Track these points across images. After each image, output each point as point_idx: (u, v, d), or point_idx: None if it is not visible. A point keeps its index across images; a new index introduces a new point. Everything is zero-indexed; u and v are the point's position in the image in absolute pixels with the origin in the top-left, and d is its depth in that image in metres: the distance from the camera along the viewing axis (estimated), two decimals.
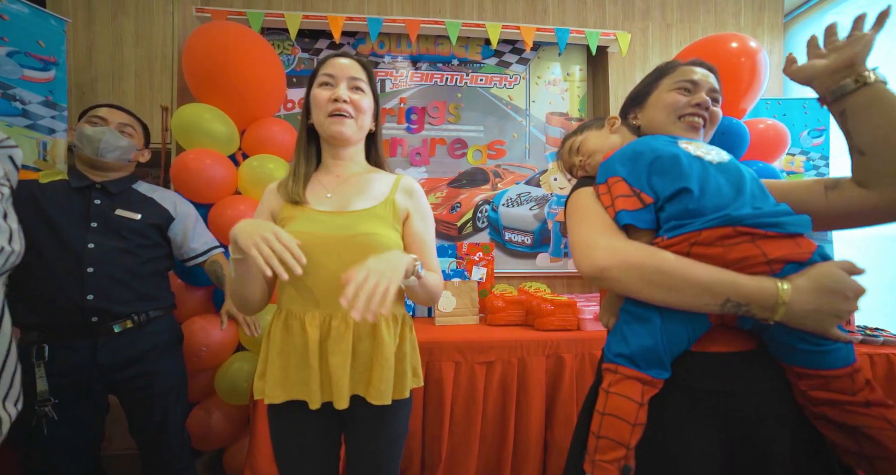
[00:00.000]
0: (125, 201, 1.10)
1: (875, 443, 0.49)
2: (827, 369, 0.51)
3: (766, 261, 0.50)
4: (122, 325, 1.04)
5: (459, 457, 1.42)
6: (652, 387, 0.54)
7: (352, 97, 0.76)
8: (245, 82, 1.56)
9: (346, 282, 0.57)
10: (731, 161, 0.61)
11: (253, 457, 1.33)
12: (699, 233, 0.53)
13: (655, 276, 0.52)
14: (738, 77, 1.45)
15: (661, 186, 0.57)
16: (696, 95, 0.65)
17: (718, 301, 0.49)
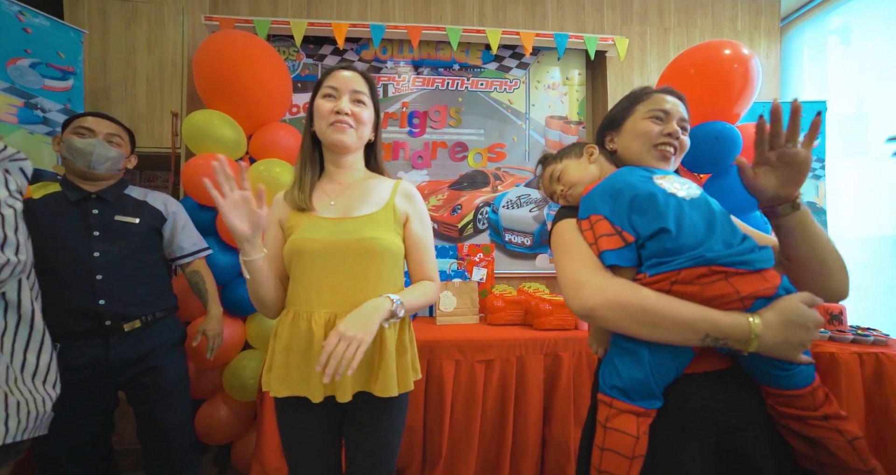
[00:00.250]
0: (122, 207, 1.15)
1: (829, 453, 0.55)
2: (792, 389, 0.56)
3: (739, 298, 0.55)
4: (131, 326, 1.10)
5: (459, 452, 1.46)
6: (647, 417, 0.57)
7: (353, 109, 0.80)
8: (252, 89, 1.61)
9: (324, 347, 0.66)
10: (701, 196, 0.65)
11: (261, 451, 1.37)
12: (678, 272, 0.57)
13: (641, 315, 0.55)
14: (731, 83, 1.49)
15: (641, 225, 0.61)
16: (668, 125, 0.69)
17: (699, 337, 0.54)
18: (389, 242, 0.79)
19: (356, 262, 0.77)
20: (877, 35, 1.97)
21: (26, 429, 0.59)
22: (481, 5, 2.13)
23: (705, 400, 0.59)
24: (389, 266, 0.80)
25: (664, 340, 0.56)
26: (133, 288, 1.11)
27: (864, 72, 2.02)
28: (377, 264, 0.78)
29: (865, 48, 2.02)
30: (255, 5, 2.00)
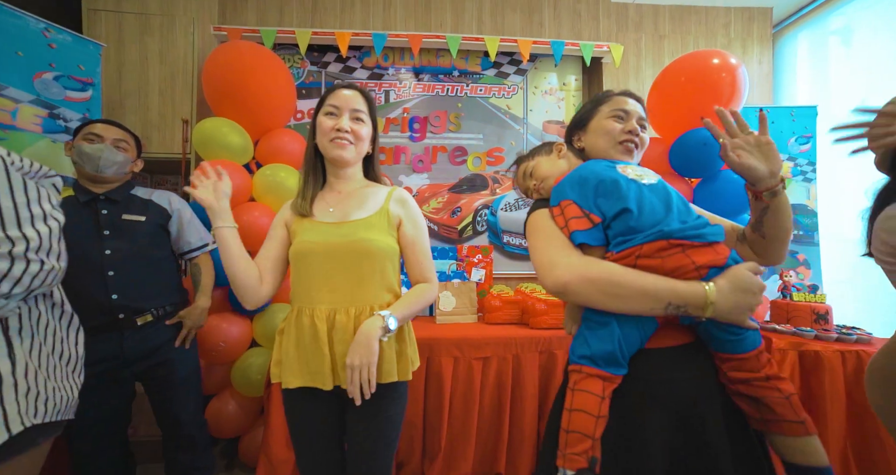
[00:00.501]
0: (128, 207, 1.21)
1: (770, 409, 0.61)
2: (741, 353, 0.62)
3: (695, 268, 0.61)
4: (144, 319, 1.17)
5: (458, 446, 1.52)
6: (611, 382, 0.63)
7: (352, 127, 0.86)
8: (258, 97, 1.68)
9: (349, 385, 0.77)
10: (659, 181, 0.71)
11: (268, 443, 1.44)
12: (641, 247, 0.63)
13: (610, 288, 0.61)
14: (719, 90, 1.54)
15: (606, 207, 0.66)
16: (629, 123, 0.75)
17: (662, 305, 0.59)
18: (383, 243, 0.86)
19: (352, 262, 0.83)
20: (869, 39, 2.02)
21: (59, 412, 0.66)
22: (480, 14, 2.20)
23: (669, 372, 0.65)
24: (383, 265, 0.86)
25: (631, 311, 0.61)
26: (143, 282, 1.17)
27: (856, 76, 2.07)
28: (372, 263, 0.85)
29: (857, 53, 2.07)
30: (262, 15, 2.07)
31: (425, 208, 2.21)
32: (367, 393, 0.77)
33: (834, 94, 2.16)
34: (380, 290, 0.86)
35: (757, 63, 2.34)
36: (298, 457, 0.91)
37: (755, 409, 0.63)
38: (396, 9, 2.15)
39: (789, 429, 0.60)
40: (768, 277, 2.07)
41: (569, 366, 0.69)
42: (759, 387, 0.62)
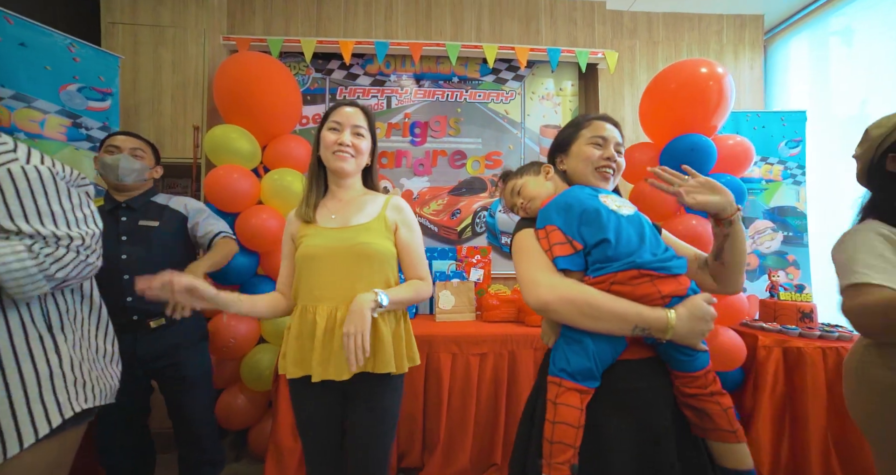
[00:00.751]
0: (145, 213, 1.29)
1: (710, 419, 0.69)
2: (692, 372, 0.70)
3: (660, 297, 0.68)
4: (157, 322, 1.24)
5: (456, 438, 1.59)
6: (587, 395, 0.70)
7: (353, 141, 0.94)
8: (266, 105, 1.76)
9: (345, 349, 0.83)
10: (635, 213, 0.78)
11: (276, 434, 1.52)
12: (615, 274, 0.69)
13: (587, 309, 0.67)
14: (707, 98, 1.60)
15: (588, 235, 0.72)
16: (606, 150, 0.80)
17: (630, 327, 0.67)
18: (380, 246, 0.93)
19: (352, 263, 0.91)
20: (858, 45, 2.08)
21: (105, 397, 0.74)
22: (479, 22, 2.27)
23: (633, 381, 0.72)
24: (380, 266, 0.93)
25: (603, 330, 0.68)
26: None
27: (844, 80, 2.13)
28: (369, 265, 0.92)
29: (846, 58, 2.13)
30: (269, 25, 2.15)
31: (426, 210, 2.29)
32: (361, 359, 0.82)
33: (823, 99, 2.22)
34: (377, 287, 0.92)
35: (749, 68, 2.40)
36: (304, 445, 0.98)
37: (698, 419, 0.71)
38: (398, 18, 2.22)
39: (724, 436, 0.68)
40: (759, 277, 2.13)
41: (548, 376, 0.74)
42: (704, 400, 0.69)
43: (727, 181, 1.61)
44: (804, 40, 2.33)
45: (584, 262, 0.73)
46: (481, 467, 1.62)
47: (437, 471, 1.59)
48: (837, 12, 2.16)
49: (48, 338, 0.68)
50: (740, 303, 1.72)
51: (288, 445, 1.53)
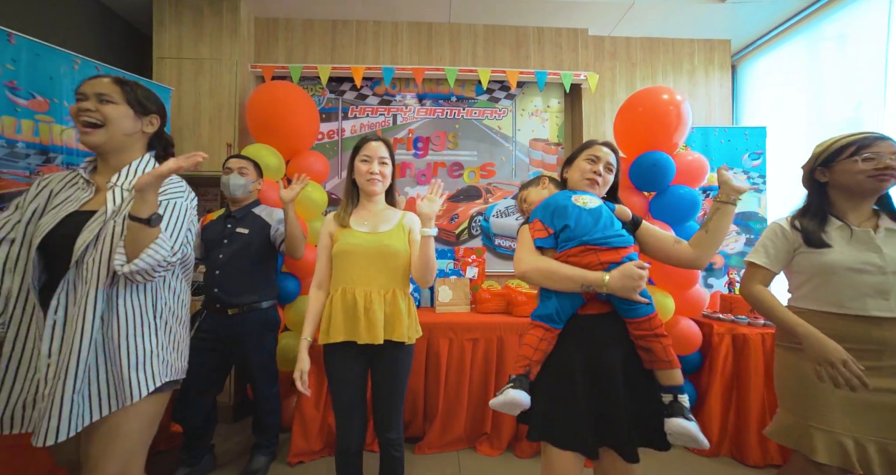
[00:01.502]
0: (243, 222, 1.60)
1: (654, 354, 0.94)
2: (637, 318, 0.95)
3: (599, 263, 0.95)
4: (233, 311, 1.54)
5: (452, 410, 1.87)
6: (549, 332, 0.97)
7: (380, 169, 1.23)
8: (289, 126, 2.06)
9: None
10: (598, 206, 1.03)
11: (301, 406, 1.80)
12: (570, 250, 0.97)
13: (548, 274, 0.95)
14: (668, 121, 1.87)
15: (556, 223, 1.01)
16: (596, 166, 1.07)
17: (577, 286, 0.94)
18: (399, 248, 1.21)
19: (379, 259, 1.19)
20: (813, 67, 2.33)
21: (178, 373, 0.98)
22: (474, 48, 2.55)
23: (592, 329, 0.98)
24: (397, 261, 1.22)
25: (562, 288, 0.96)
26: (236, 282, 1.54)
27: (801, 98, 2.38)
28: (393, 260, 1.21)
29: (803, 78, 2.38)
30: (290, 54, 2.45)
31: None
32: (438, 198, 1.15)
33: (782, 115, 2.47)
34: (397, 278, 1.21)
35: (718, 87, 2.66)
36: (335, 400, 1.26)
37: (647, 355, 0.95)
38: (403, 46, 2.51)
39: (663, 365, 0.93)
40: (723, 275, 2.39)
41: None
42: (650, 340, 0.94)
43: (685, 192, 1.88)
44: (767, 61, 2.59)
45: (554, 242, 1.01)
46: (474, 436, 1.90)
47: (436, 440, 1.87)
48: (797, 36, 2.41)
49: (153, 325, 0.94)
50: (700, 298, 1.98)
51: (311, 415, 1.81)
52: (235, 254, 1.55)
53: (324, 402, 1.83)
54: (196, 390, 1.53)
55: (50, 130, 1.47)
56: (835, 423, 1.01)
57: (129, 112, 0.94)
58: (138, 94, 0.96)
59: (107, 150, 0.94)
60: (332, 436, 1.82)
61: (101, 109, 0.90)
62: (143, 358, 0.90)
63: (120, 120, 0.92)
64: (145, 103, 0.97)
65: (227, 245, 1.55)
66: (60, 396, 0.79)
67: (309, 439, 1.79)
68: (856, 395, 0.99)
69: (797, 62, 2.42)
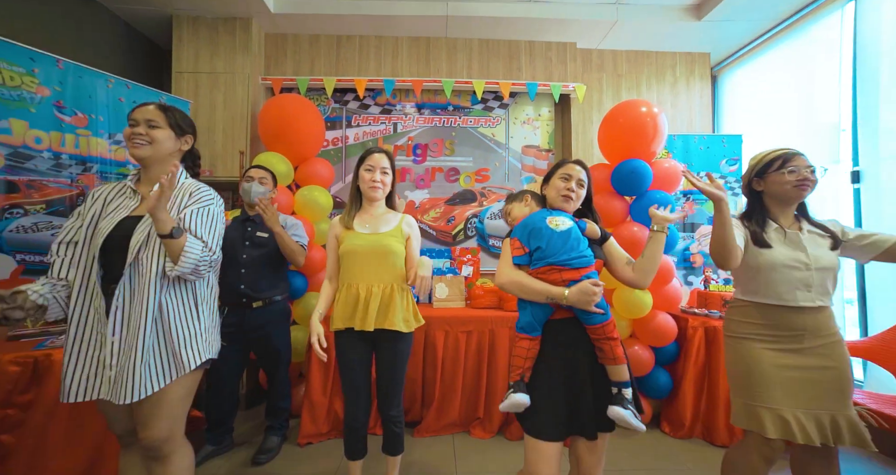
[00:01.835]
0: (261, 226, 1.78)
1: (604, 352, 1.10)
2: (593, 325, 1.11)
3: (561, 280, 1.11)
4: (257, 304, 1.72)
5: (447, 396, 2.04)
6: (533, 341, 1.13)
7: (382, 178, 1.39)
8: (297, 136, 2.23)
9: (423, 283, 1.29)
10: (568, 228, 1.17)
11: (309, 392, 1.97)
12: (540, 268, 1.14)
13: (521, 287, 1.11)
14: (645, 131, 2.03)
15: (531, 243, 1.16)
16: (569, 183, 1.21)
17: (543, 298, 1.10)
18: (397, 248, 1.38)
19: (380, 258, 1.36)
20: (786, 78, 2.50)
21: (213, 353, 1.16)
22: (469, 61, 2.72)
23: (563, 332, 1.14)
24: (394, 260, 1.38)
25: (532, 299, 1.12)
26: (259, 279, 1.73)
27: (775, 108, 2.55)
28: (390, 259, 1.37)
29: (777, 89, 2.54)
30: (297, 67, 2.62)
31: (426, 217, 2.74)
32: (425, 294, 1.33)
33: (758, 123, 2.64)
34: (394, 274, 1.38)
35: (699, 97, 2.83)
36: (343, 381, 1.43)
37: (600, 353, 1.12)
38: (402, 59, 2.68)
39: (610, 362, 1.09)
40: (699, 276, 2.55)
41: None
42: (602, 342, 1.10)
43: (661, 197, 2.04)
44: (744, 72, 2.76)
45: (529, 259, 1.17)
46: (468, 420, 2.07)
47: (433, 424, 2.04)
48: (771, 49, 2.58)
49: (195, 311, 1.11)
50: (676, 294, 2.15)
51: (319, 401, 1.98)
52: (258, 255, 1.74)
53: (330, 389, 2.00)
54: (226, 379, 1.72)
55: (88, 143, 1.65)
56: (777, 401, 1.16)
57: (171, 134, 1.12)
58: (177, 118, 1.14)
59: (150, 163, 1.12)
60: (338, 420, 1.99)
61: (150, 133, 1.08)
62: (191, 338, 1.07)
63: (164, 141, 1.10)
64: (183, 126, 1.15)
65: (249, 247, 1.73)
66: (132, 367, 0.97)
67: (317, 423, 1.96)
68: (789, 375, 1.16)
69: (771, 74, 2.59)
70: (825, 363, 1.16)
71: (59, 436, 1.31)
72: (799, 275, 1.17)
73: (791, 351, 1.16)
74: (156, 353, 1.02)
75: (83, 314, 1.03)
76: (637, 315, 2.06)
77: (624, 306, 2.06)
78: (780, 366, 1.17)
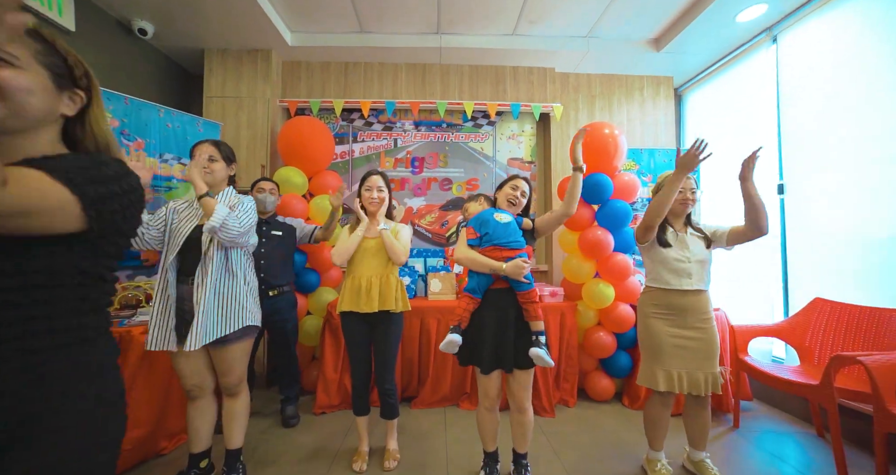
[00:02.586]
0: (273, 226, 2.14)
1: (528, 312, 1.48)
2: (522, 291, 1.49)
3: (501, 257, 1.48)
4: (273, 292, 2.08)
5: (440, 375, 2.40)
6: (473, 300, 1.51)
7: (379, 195, 1.75)
8: (311, 152, 2.60)
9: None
10: (509, 221, 1.56)
11: (323, 370, 2.34)
12: (486, 248, 1.51)
13: (471, 262, 1.50)
14: (608, 149, 2.40)
15: (481, 230, 1.55)
16: (514, 193, 1.60)
17: (488, 270, 1.48)
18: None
19: (378, 255, 1.72)
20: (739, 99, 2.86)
21: (256, 321, 1.55)
22: (460, 85, 3.09)
23: (500, 298, 1.51)
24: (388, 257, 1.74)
25: (480, 270, 1.50)
26: (274, 269, 2.09)
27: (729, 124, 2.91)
28: (385, 255, 1.72)
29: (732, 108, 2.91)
30: (310, 90, 3.00)
31: (422, 221, 3.11)
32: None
33: (716, 137, 3.00)
34: (389, 266, 1.74)
35: (664, 115, 3.19)
36: (350, 356, 1.80)
37: (526, 313, 1.50)
38: (402, 83, 3.05)
39: (534, 318, 1.47)
40: None
41: None
42: (528, 304, 1.48)
43: (621, 205, 2.41)
44: (703, 93, 3.13)
45: (479, 242, 1.55)
46: (457, 395, 2.43)
47: (427, 398, 2.40)
48: (722, 75, 2.95)
49: (242, 287, 1.49)
50: (635, 288, 2.51)
51: (331, 377, 2.34)
52: (274, 250, 2.09)
53: (340, 367, 2.37)
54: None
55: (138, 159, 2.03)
56: (667, 362, 1.56)
57: (225, 165, 1.50)
58: (227, 152, 1.53)
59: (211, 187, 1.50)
60: (346, 393, 2.35)
61: (210, 166, 1.45)
62: (238, 307, 1.48)
63: (220, 171, 1.48)
64: (231, 157, 1.54)
65: (265, 242, 2.08)
66: (197, 323, 1.37)
67: (329, 395, 2.33)
68: (676, 343, 1.56)
69: (724, 95, 2.96)
70: (701, 335, 1.56)
71: (141, 391, 1.72)
72: (683, 266, 1.57)
73: (678, 325, 1.56)
74: (216, 315, 1.42)
75: (161, 288, 1.41)
76: (602, 305, 2.42)
77: (591, 299, 2.43)
78: (671, 336, 1.57)
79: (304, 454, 1.87)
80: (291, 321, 2.20)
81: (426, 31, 2.80)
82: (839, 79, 2.13)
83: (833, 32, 2.17)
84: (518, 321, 1.51)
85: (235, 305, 1.47)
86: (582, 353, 2.51)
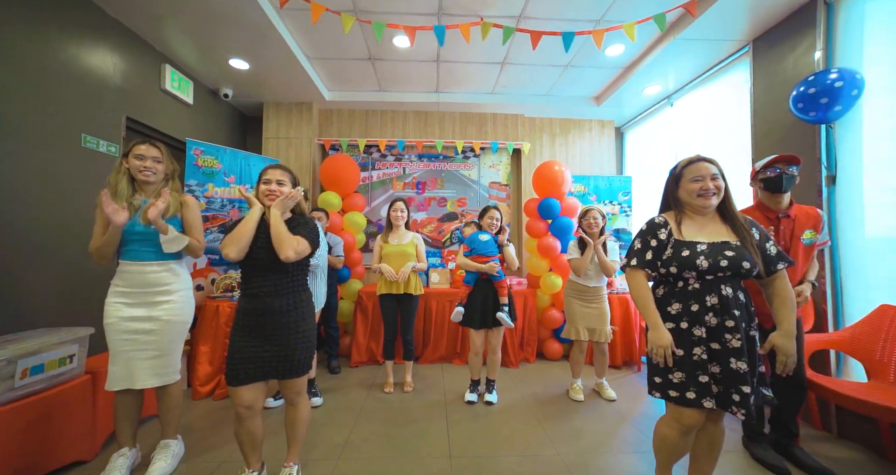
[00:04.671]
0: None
1: (501, 292, 2.47)
2: (496, 280, 2.48)
3: (484, 262, 2.46)
4: None
5: (437, 340, 3.37)
6: (468, 287, 2.49)
7: (401, 214, 2.72)
8: (343, 180, 3.56)
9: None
10: (488, 240, 2.54)
11: (356, 336, 3.30)
12: (473, 257, 2.49)
13: (465, 265, 2.48)
14: (556, 181, 3.39)
15: (471, 246, 2.53)
16: (492, 220, 2.58)
17: (474, 269, 2.46)
18: (411, 251, 2.70)
19: (402, 258, 2.68)
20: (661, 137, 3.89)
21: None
22: (453, 127, 4.08)
23: (483, 286, 2.49)
24: (410, 258, 2.69)
25: (470, 270, 2.48)
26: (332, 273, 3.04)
27: (658, 159, 3.93)
28: (407, 258, 2.67)
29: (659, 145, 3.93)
30: (341, 130, 3.96)
31: (425, 230, 4.08)
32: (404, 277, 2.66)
33: (646, 167, 4.02)
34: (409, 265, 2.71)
35: (608, 149, 4.21)
36: (385, 320, 2.75)
37: (497, 294, 2.48)
38: (410, 126, 4.03)
39: (503, 296, 2.45)
40: None
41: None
42: (500, 288, 2.46)
43: (566, 221, 3.41)
44: (638, 131, 4.16)
45: (470, 254, 2.53)
46: (450, 354, 3.41)
47: (429, 356, 3.37)
48: (651, 118, 3.98)
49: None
50: None
51: (363, 342, 3.31)
52: None
53: (368, 335, 3.33)
54: None
55: (231, 191, 2.98)
56: (576, 320, 2.56)
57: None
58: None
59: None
60: (371, 353, 3.31)
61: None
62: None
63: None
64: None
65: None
66: None
67: (360, 354, 3.29)
68: (576, 310, 2.56)
69: (654, 133, 3.98)
70: (597, 306, 2.56)
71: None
72: (590, 273, 2.56)
73: (585, 302, 2.55)
74: None
75: None
76: (553, 291, 3.42)
77: (546, 286, 3.42)
78: (576, 306, 2.59)
79: (350, 385, 2.84)
80: (334, 297, 3.15)
81: (428, 90, 3.79)
82: (717, 129, 3.16)
83: (710, 98, 3.21)
84: (495, 299, 2.48)
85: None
86: (540, 326, 3.50)
